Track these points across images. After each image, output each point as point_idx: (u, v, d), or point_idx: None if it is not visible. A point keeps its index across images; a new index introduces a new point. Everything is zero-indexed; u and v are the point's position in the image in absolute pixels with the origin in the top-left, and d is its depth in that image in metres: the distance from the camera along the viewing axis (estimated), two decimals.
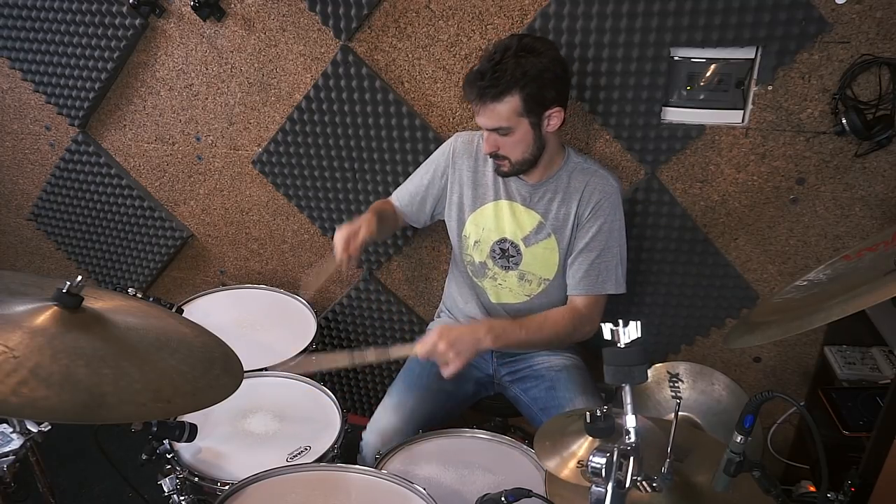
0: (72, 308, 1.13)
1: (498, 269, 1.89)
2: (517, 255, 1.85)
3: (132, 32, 2.23)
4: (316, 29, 2.07)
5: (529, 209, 1.82)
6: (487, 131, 1.70)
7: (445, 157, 1.92)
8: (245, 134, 2.31)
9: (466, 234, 1.91)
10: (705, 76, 1.84)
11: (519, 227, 1.83)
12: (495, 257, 1.88)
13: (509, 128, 1.66)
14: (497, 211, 1.86)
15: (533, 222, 1.82)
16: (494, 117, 1.66)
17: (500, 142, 1.70)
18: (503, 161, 1.74)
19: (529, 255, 1.84)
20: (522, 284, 1.88)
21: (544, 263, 1.84)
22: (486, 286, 1.93)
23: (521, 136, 1.69)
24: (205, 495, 1.55)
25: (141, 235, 2.62)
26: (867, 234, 1.87)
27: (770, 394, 1.13)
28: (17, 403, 0.95)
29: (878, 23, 1.66)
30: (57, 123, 2.52)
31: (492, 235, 1.87)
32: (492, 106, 1.64)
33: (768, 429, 1.97)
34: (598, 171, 1.80)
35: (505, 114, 1.64)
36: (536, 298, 1.88)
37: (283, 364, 1.93)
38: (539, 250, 1.83)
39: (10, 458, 1.40)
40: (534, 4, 1.86)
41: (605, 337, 1.08)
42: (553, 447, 1.32)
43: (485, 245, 1.88)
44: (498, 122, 1.66)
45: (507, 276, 1.88)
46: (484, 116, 1.67)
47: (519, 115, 1.65)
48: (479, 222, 1.88)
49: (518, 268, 1.86)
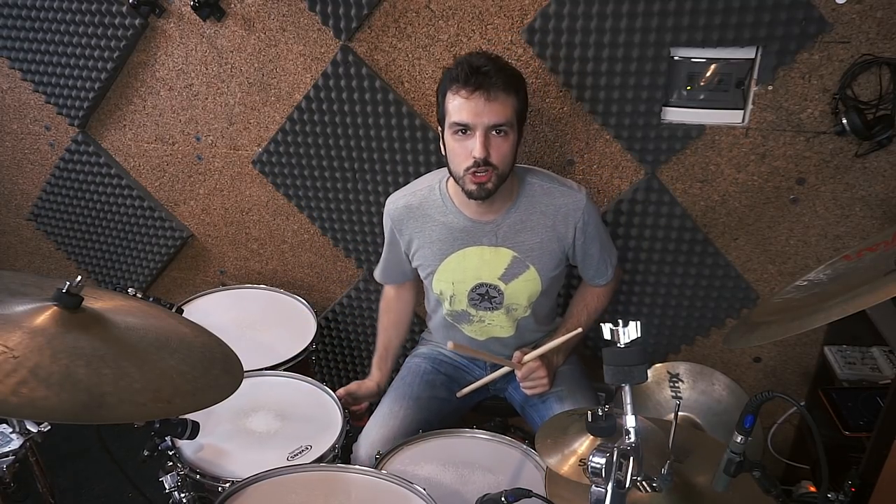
0: (72, 308, 1.13)
1: (482, 311, 1.82)
2: (499, 295, 1.78)
3: (132, 32, 2.23)
4: (316, 29, 2.07)
5: (498, 248, 1.72)
6: (485, 130, 1.53)
7: (389, 230, 1.84)
8: (245, 134, 2.31)
9: (438, 292, 1.84)
10: (705, 76, 1.84)
11: (493, 269, 1.75)
12: (475, 303, 1.81)
13: (509, 126, 1.55)
14: (463, 260, 1.75)
15: (506, 259, 1.73)
16: (500, 110, 1.52)
17: (494, 144, 1.54)
18: (489, 172, 1.55)
19: (511, 290, 1.77)
20: (511, 315, 1.82)
21: (527, 293, 1.78)
22: (473, 329, 1.87)
23: (511, 145, 1.57)
24: (205, 493, 1.55)
25: (141, 235, 2.62)
26: (867, 234, 1.87)
27: (770, 394, 1.13)
28: (17, 403, 0.95)
29: (879, 22, 1.66)
30: (57, 123, 2.52)
31: (465, 285, 1.78)
32: (502, 96, 1.52)
33: (768, 429, 1.97)
34: (557, 188, 1.70)
35: (510, 110, 1.54)
36: (523, 321, 1.84)
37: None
38: (520, 283, 1.76)
39: (9, 458, 1.40)
40: (534, 4, 1.86)
41: (605, 337, 1.07)
42: (554, 445, 1.32)
43: (461, 296, 1.80)
44: (504, 117, 1.53)
45: (494, 315, 1.82)
46: (488, 110, 1.51)
47: (516, 117, 1.58)
48: (447, 277, 1.79)
49: (503, 305, 1.80)
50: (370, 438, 1.73)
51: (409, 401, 1.82)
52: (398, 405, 1.81)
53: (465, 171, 1.57)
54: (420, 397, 1.84)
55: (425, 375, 1.90)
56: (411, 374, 1.91)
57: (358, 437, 1.77)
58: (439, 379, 1.91)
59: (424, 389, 1.86)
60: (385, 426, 1.75)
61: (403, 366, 2.00)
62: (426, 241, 1.78)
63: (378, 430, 1.75)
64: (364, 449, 1.72)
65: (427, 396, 1.85)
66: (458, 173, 1.61)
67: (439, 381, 1.91)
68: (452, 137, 1.59)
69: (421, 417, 1.79)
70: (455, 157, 1.60)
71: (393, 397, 1.85)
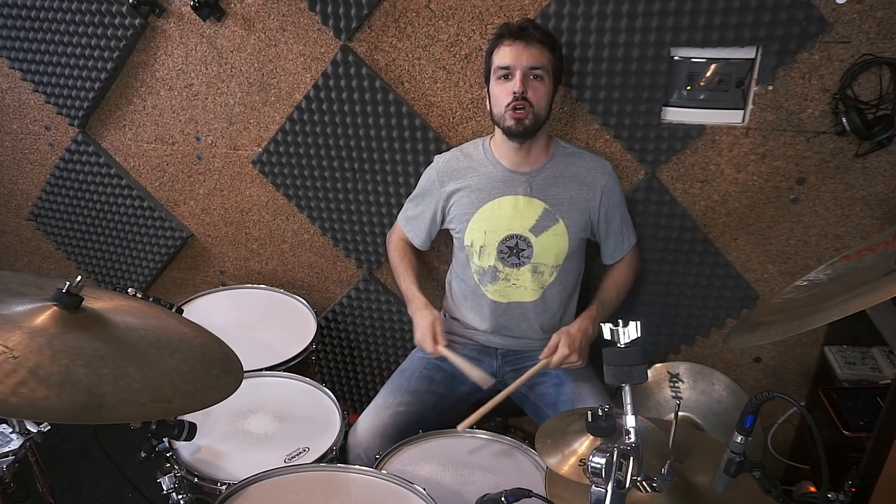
0: (71, 308, 1.13)
1: (509, 268, 1.88)
2: (528, 248, 1.86)
3: (132, 32, 2.23)
4: (316, 29, 2.07)
5: (532, 198, 1.84)
6: (523, 70, 1.71)
7: (431, 183, 1.97)
8: (245, 134, 2.31)
9: (469, 242, 1.90)
10: (705, 76, 1.84)
11: (525, 219, 1.84)
12: (504, 257, 1.87)
13: (545, 71, 1.73)
14: (498, 209, 1.86)
15: (538, 211, 1.84)
16: (537, 55, 1.72)
17: (533, 85, 1.73)
18: (526, 109, 1.73)
19: (540, 245, 1.85)
20: (536, 277, 1.87)
21: (555, 250, 1.86)
22: (497, 290, 1.90)
23: (546, 90, 1.75)
24: (203, 494, 1.55)
25: (141, 235, 2.62)
26: (867, 234, 1.87)
27: (770, 394, 1.13)
28: (17, 403, 0.95)
29: (879, 22, 1.66)
30: (57, 123, 2.52)
31: (497, 235, 1.86)
32: (538, 46, 1.72)
33: (768, 429, 1.97)
34: (587, 155, 1.89)
35: (546, 58, 1.73)
36: (549, 289, 1.88)
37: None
38: (549, 237, 1.85)
39: (9, 458, 1.39)
40: (534, 4, 1.86)
41: (605, 337, 1.08)
42: (555, 445, 1.32)
43: (490, 248, 1.87)
44: (540, 61, 1.72)
45: (520, 273, 1.88)
46: (527, 53, 1.71)
47: (550, 70, 1.74)
48: (480, 226, 1.88)
49: (530, 261, 1.86)
50: (362, 426, 1.77)
51: (405, 394, 1.85)
52: (393, 397, 1.84)
53: (506, 109, 1.75)
54: (416, 391, 1.86)
55: (425, 370, 1.92)
56: (411, 368, 1.93)
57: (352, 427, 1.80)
58: (439, 375, 1.92)
59: (422, 383, 1.88)
60: (377, 416, 1.79)
61: (408, 358, 2.01)
62: (465, 188, 1.90)
63: (370, 419, 1.78)
64: (353, 437, 1.75)
65: (424, 390, 1.87)
66: (499, 113, 1.78)
67: (439, 377, 1.92)
68: (496, 84, 1.77)
69: (415, 410, 1.81)
70: (497, 100, 1.77)
71: (389, 389, 1.88)
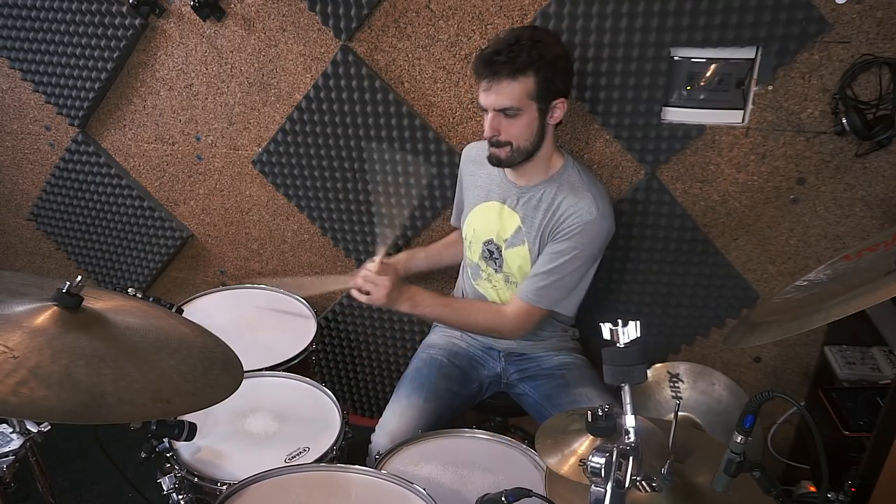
0: (72, 308, 1.13)
1: (491, 270, 1.90)
2: (500, 258, 1.87)
3: (132, 32, 2.23)
4: (316, 29, 2.07)
5: (514, 211, 1.82)
6: (493, 112, 1.66)
7: (459, 168, 2.00)
8: (245, 134, 2.31)
9: (465, 234, 1.95)
10: (705, 76, 1.84)
11: (502, 230, 1.85)
12: (486, 258, 1.90)
13: (518, 109, 1.64)
14: (486, 211, 1.87)
15: (513, 225, 1.83)
16: (505, 96, 1.63)
17: (504, 125, 1.67)
18: (502, 148, 1.70)
19: (508, 257, 1.85)
20: (509, 287, 1.88)
21: (520, 269, 1.84)
22: (485, 289, 1.93)
23: (528, 121, 1.67)
24: (203, 494, 1.55)
25: (141, 235, 2.62)
26: (867, 234, 1.87)
27: (770, 394, 1.13)
28: (17, 403, 0.95)
29: (879, 22, 1.66)
30: (57, 123, 2.52)
31: (481, 236, 1.89)
32: (506, 83, 1.61)
33: (768, 429, 1.97)
34: (587, 193, 1.72)
35: (517, 94, 1.62)
36: None
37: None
38: (514, 254, 1.84)
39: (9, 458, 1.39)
40: (534, 4, 1.86)
41: (605, 337, 1.07)
42: (555, 445, 1.32)
43: (476, 245, 1.90)
44: (509, 102, 1.63)
45: (497, 277, 1.89)
46: (494, 94, 1.63)
47: (530, 98, 1.64)
48: (472, 223, 1.91)
49: (502, 270, 1.87)
50: (389, 428, 1.75)
51: (429, 392, 1.85)
52: (417, 396, 1.83)
53: (488, 143, 1.75)
54: (438, 389, 1.87)
55: (442, 368, 1.93)
56: (428, 367, 1.93)
57: (375, 428, 1.79)
58: (454, 372, 1.94)
59: (442, 382, 1.89)
60: (405, 416, 1.78)
61: (418, 357, 2.01)
62: (472, 184, 1.93)
63: (398, 420, 1.77)
64: (382, 438, 1.74)
65: (444, 389, 1.88)
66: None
67: (454, 375, 1.93)
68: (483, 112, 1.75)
69: (435, 410, 1.82)
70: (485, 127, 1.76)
71: (411, 388, 1.87)
